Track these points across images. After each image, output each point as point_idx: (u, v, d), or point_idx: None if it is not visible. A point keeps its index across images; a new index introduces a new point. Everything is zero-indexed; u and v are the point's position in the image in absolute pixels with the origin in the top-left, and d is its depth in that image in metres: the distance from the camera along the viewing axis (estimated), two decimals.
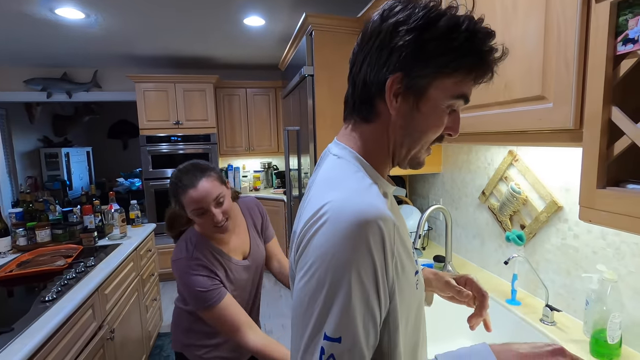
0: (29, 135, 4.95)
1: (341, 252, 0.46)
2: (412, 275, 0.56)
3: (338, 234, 0.46)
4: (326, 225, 0.48)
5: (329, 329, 0.46)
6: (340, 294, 0.46)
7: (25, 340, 1.09)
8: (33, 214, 2.13)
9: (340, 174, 0.55)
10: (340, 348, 0.46)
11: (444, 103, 0.53)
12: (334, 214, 0.48)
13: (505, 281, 1.37)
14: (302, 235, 0.51)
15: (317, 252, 0.47)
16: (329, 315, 0.46)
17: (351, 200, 0.49)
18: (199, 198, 1.01)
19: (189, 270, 1.05)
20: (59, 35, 2.73)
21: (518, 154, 1.26)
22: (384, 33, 0.52)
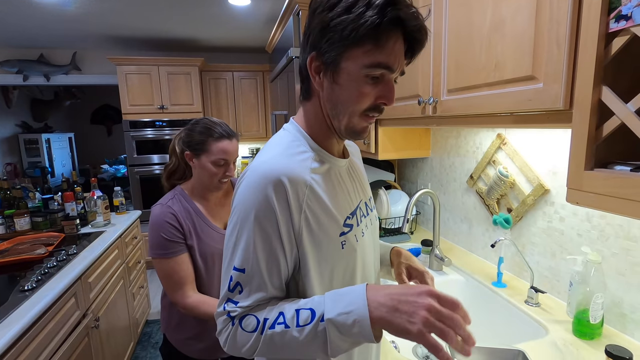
0: (6, 120, 4.77)
1: (248, 201, 0.58)
2: (335, 234, 0.63)
3: (248, 188, 0.58)
4: (243, 182, 0.60)
5: (236, 261, 0.58)
6: (244, 233, 0.58)
7: (3, 330, 1.06)
8: (11, 202, 2.06)
9: (275, 142, 0.65)
10: (244, 277, 0.58)
11: (359, 73, 0.57)
12: (250, 172, 0.60)
13: (492, 264, 1.38)
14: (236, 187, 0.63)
15: (237, 201, 0.60)
16: (236, 249, 0.59)
17: (267, 161, 0.60)
18: (230, 150, 1.12)
19: (160, 216, 1.08)
20: (34, 14, 2.58)
21: (507, 137, 1.26)
22: (307, 20, 0.61)
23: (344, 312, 0.52)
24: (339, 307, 0.53)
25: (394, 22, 0.54)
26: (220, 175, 1.12)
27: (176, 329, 1.19)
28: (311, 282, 0.61)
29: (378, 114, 0.63)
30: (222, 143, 1.10)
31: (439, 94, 1.11)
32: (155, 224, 1.08)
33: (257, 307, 0.59)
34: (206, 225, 1.15)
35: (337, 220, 0.63)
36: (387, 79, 0.59)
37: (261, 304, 0.59)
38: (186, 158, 1.14)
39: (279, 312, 0.57)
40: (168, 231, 1.07)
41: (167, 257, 1.07)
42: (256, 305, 0.59)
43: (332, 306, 0.54)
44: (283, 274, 0.60)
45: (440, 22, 1.07)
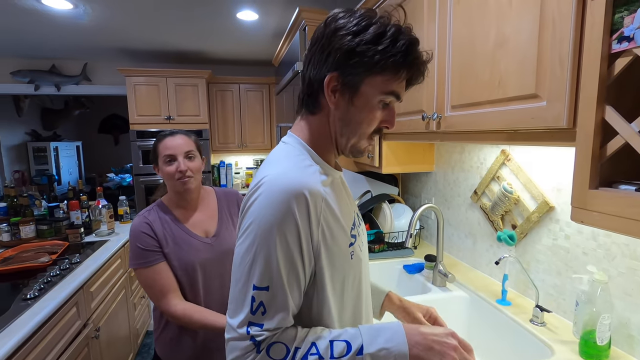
0: (16, 128, 4.85)
1: (269, 216, 0.56)
2: (345, 245, 0.64)
3: (268, 201, 0.56)
4: (260, 195, 0.58)
5: (257, 279, 0.56)
6: (266, 250, 0.56)
7: (4, 339, 1.06)
8: (17, 209, 2.08)
9: (281, 155, 0.65)
10: (267, 296, 0.56)
11: (375, 98, 0.62)
12: (268, 185, 0.58)
13: (496, 281, 1.36)
14: (243, 204, 0.62)
15: (252, 217, 0.58)
16: (255, 267, 0.56)
17: (284, 174, 0.59)
18: (172, 145, 1.13)
19: (137, 226, 1.11)
20: (46, 26, 2.66)
21: (511, 153, 1.26)
22: (325, 37, 0.61)
23: (384, 348, 0.56)
24: (379, 342, 0.56)
25: (414, 62, 0.61)
26: (175, 173, 1.12)
27: (169, 343, 1.17)
28: (326, 295, 0.61)
29: (377, 136, 0.68)
30: (164, 141, 1.14)
31: (442, 109, 1.12)
32: (132, 235, 1.10)
33: (283, 332, 0.57)
34: (186, 234, 1.16)
35: (346, 232, 0.65)
36: (391, 106, 0.66)
37: (286, 329, 0.58)
38: (155, 172, 1.20)
39: (310, 342, 0.57)
40: (144, 241, 1.09)
41: (145, 266, 1.09)
42: (280, 328, 0.57)
43: (371, 341, 0.57)
44: (302, 291, 0.60)
45: (445, 39, 1.08)
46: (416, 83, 0.66)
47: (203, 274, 1.16)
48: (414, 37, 0.61)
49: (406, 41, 0.59)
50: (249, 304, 0.56)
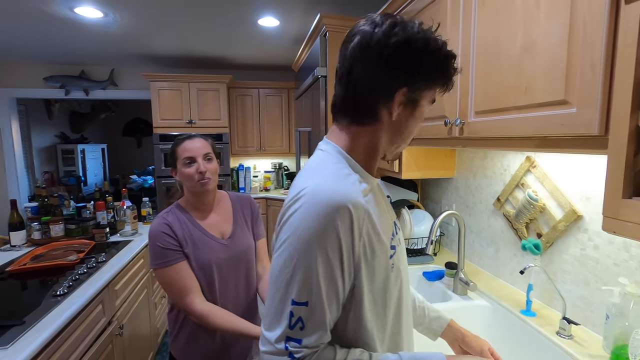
0: (47, 131, 5.07)
1: (312, 229, 0.54)
2: (386, 258, 0.63)
3: (309, 214, 0.54)
4: (302, 206, 0.56)
5: (296, 294, 0.54)
6: (307, 265, 0.54)
7: (35, 334, 1.10)
8: (48, 209, 2.16)
9: (321, 164, 0.63)
10: (306, 311, 0.54)
11: (426, 107, 0.66)
12: (309, 197, 0.56)
13: (519, 290, 1.33)
14: (281, 216, 0.60)
15: (291, 229, 0.56)
16: (294, 281, 0.54)
17: (326, 185, 0.57)
18: (191, 147, 1.16)
19: (157, 227, 1.13)
20: (77, 33, 2.78)
21: (536, 160, 1.23)
22: (390, 48, 0.59)
23: None
24: None
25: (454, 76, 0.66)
26: (195, 175, 1.15)
27: (185, 346, 1.19)
28: (364, 310, 0.60)
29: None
30: (183, 144, 1.18)
31: (466, 115, 1.10)
32: (152, 235, 1.12)
33: (322, 351, 0.56)
34: (203, 234, 1.18)
35: (386, 243, 0.63)
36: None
37: (325, 348, 0.57)
38: (173, 175, 1.22)
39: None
40: (164, 240, 1.11)
41: (166, 265, 1.11)
42: (319, 345, 0.56)
43: None
44: (340, 306, 0.59)
45: (468, 44, 1.07)
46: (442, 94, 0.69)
47: (219, 275, 1.18)
48: (454, 53, 0.65)
49: (452, 57, 0.63)
50: (287, 318, 0.54)
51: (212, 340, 1.19)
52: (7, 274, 1.58)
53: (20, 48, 3.19)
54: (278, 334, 0.55)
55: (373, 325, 0.62)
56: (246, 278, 1.26)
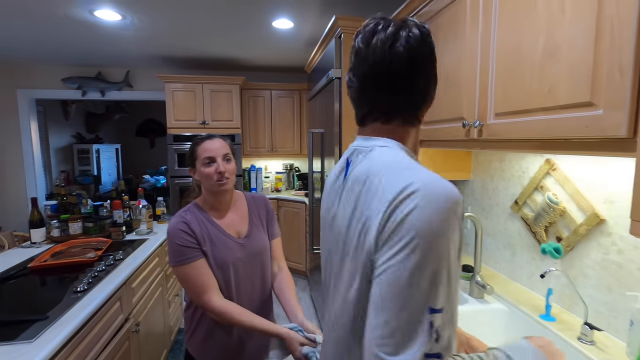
0: (64, 131, 5.18)
1: (440, 227, 0.48)
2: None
3: (435, 210, 0.49)
4: (422, 202, 0.49)
5: (434, 301, 0.47)
6: (442, 265, 0.48)
7: (58, 328, 1.13)
8: (66, 207, 2.21)
9: (403, 159, 0.58)
10: (443, 319, 0.47)
11: None
12: (427, 192, 0.50)
13: (537, 295, 1.31)
14: (386, 216, 0.51)
15: (414, 231, 0.48)
16: (433, 287, 0.47)
17: (437, 180, 0.52)
18: (211, 147, 1.18)
19: (175, 225, 1.14)
20: (96, 36, 2.84)
21: (556, 163, 1.21)
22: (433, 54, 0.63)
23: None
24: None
25: None
26: (214, 175, 1.16)
27: (202, 343, 1.21)
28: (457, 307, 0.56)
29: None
30: (203, 144, 1.19)
31: (485, 117, 1.10)
32: (170, 233, 1.14)
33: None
34: (221, 233, 1.19)
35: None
36: None
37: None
38: (191, 175, 1.24)
39: None
40: (182, 238, 1.12)
41: (185, 263, 1.12)
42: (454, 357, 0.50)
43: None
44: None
45: (488, 46, 1.07)
46: None
47: (235, 273, 1.19)
48: None
49: None
50: (426, 332, 0.46)
51: (229, 337, 1.20)
52: (29, 270, 1.62)
53: (41, 51, 3.27)
54: (417, 355, 0.46)
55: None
56: (262, 277, 1.27)
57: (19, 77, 3.81)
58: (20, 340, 1.06)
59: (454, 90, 1.25)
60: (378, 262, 0.52)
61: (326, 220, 0.73)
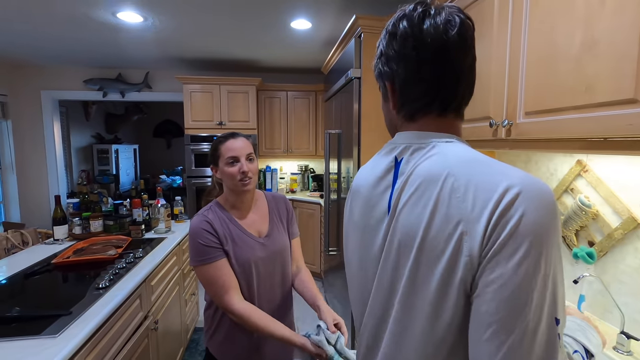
0: (84, 131, 5.31)
1: (554, 231, 0.45)
2: None
3: (547, 214, 0.44)
4: (530, 207, 0.44)
5: (558, 312, 0.44)
6: (558, 272, 0.44)
7: (82, 324, 1.14)
8: (88, 205, 2.25)
9: (480, 156, 0.53)
10: (559, 330, 0.44)
11: None
12: (532, 194, 0.45)
13: (568, 302, 1.26)
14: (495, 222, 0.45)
15: (530, 237, 0.43)
16: (557, 297, 0.44)
17: (533, 179, 0.47)
18: (235, 147, 1.17)
19: (197, 224, 1.14)
20: (117, 37, 2.90)
21: (588, 164, 1.16)
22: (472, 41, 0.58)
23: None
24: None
25: None
26: (237, 174, 1.16)
27: (223, 343, 1.20)
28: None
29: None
30: (227, 143, 1.18)
31: (514, 116, 1.06)
32: (193, 232, 1.13)
33: None
34: (242, 232, 1.19)
35: None
36: None
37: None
38: (213, 172, 1.23)
39: None
40: (205, 237, 1.12)
41: (207, 262, 1.11)
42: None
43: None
44: None
45: (518, 43, 1.03)
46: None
47: (257, 273, 1.18)
48: None
49: None
50: (560, 346, 0.44)
51: (251, 337, 1.19)
52: (52, 266, 1.66)
53: (64, 53, 3.36)
54: None
55: None
56: (282, 276, 1.26)
57: (43, 78, 3.92)
58: (45, 334, 1.07)
59: (480, 88, 1.21)
60: (489, 276, 0.45)
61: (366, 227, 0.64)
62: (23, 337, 1.06)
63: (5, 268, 1.65)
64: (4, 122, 3.74)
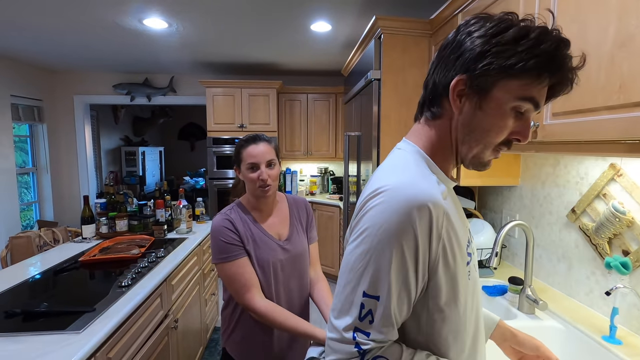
0: (113, 134, 5.53)
1: (390, 225, 0.53)
2: (463, 264, 0.59)
3: (390, 211, 0.53)
4: (381, 202, 0.55)
5: (367, 287, 0.54)
6: (382, 259, 0.53)
7: (105, 320, 1.18)
8: (114, 205, 2.33)
9: (400, 162, 0.61)
10: (376, 305, 0.54)
11: (508, 104, 0.55)
12: (390, 193, 0.55)
13: (598, 314, 1.19)
14: (358, 208, 0.59)
15: (369, 223, 0.55)
16: (369, 275, 0.54)
17: (407, 184, 0.55)
18: (255, 153, 1.16)
19: (220, 222, 1.15)
20: (143, 43, 3.00)
21: (622, 168, 1.09)
22: (456, 41, 0.57)
23: None
24: None
25: (561, 66, 0.53)
26: (256, 181, 1.15)
27: (241, 343, 1.21)
28: (443, 314, 0.57)
29: (506, 149, 0.60)
30: (249, 148, 1.17)
31: (540, 117, 1.02)
32: (215, 230, 1.15)
33: (389, 347, 0.55)
34: (263, 234, 1.19)
35: (463, 250, 0.59)
36: (527, 116, 0.58)
37: (392, 344, 0.56)
38: (236, 173, 1.24)
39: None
40: (226, 235, 1.13)
41: (228, 260, 1.12)
42: (387, 341, 0.55)
43: None
44: (411, 306, 0.56)
45: None
46: (562, 93, 0.57)
47: (275, 275, 1.18)
48: (564, 39, 0.53)
49: (553, 42, 0.51)
50: (358, 309, 0.54)
51: (269, 337, 1.19)
52: (80, 263, 1.72)
53: (95, 59, 3.51)
54: (347, 323, 0.55)
55: (449, 331, 0.59)
56: (300, 279, 1.25)
57: (75, 84, 4.12)
58: (70, 330, 1.11)
59: None
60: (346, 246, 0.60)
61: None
62: (49, 331, 1.10)
63: (39, 264, 1.73)
64: (40, 125, 3.94)
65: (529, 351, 0.77)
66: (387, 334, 0.54)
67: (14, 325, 1.14)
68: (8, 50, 3.17)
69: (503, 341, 0.80)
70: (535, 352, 0.77)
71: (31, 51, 3.23)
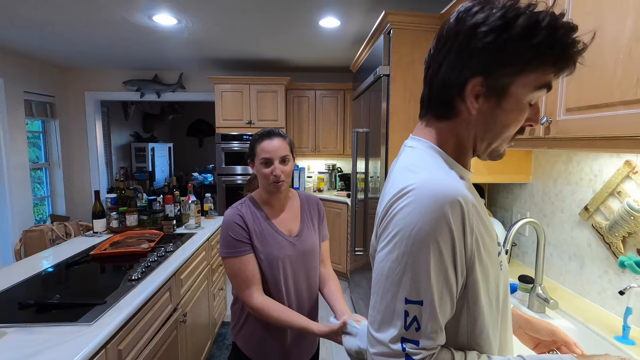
0: (123, 130, 5.59)
1: (423, 224, 0.51)
2: (495, 255, 0.58)
3: (421, 209, 0.52)
4: (410, 202, 0.53)
5: (409, 292, 0.52)
6: (419, 261, 0.51)
7: (115, 313, 1.20)
8: (125, 200, 2.36)
9: (419, 160, 0.60)
10: (421, 310, 0.51)
11: (526, 98, 0.55)
12: (417, 192, 0.53)
13: (611, 314, 1.17)
14: (384, 212, 0.57)
15: (400, 226, 0.53)
16: (409, 279, 0.52)
17: (433, 180, 0.54)
18: (269, 148, 1.15)
19: (231, 217, 1.16)
20: (153, 40, 3.02)
21: (638, 164, 1.07)
22: (462, 35, 0.54)
23: None
24: None
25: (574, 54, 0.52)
26: (269, 176, 1.15)
27: (251, 338, 1.22)
28: (480, 311, 0.56)
29: (520, 135, 0.61)
30: (263, 143, 1.17)
31: (553, 113, 0.99)
32: (225, 224, 1.16)
33: (439, 353, 0.53)
34: (273, 230, 1.19)
35: (494, 241, 0.59)
36: (537, 101, 0.58)
37: (441, 350, 0.54)
38: (250, 167, 1.24)
39: None
40: (235, 231, 1.14)
41: (234, 256, 1.14)
42: (436, 347, 0.53)
43: None
44: (454, 305, 0.54)
45: None
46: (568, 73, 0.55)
47: (284, 271, 1.19)
48: (573, 25, 0.51)
49: (565, 30, 0.50)
50: (402, 318, 0.52)
51: (279, 332, 1.20)
52: (91, 257, 1.75)
53: (105, 56, 3.54)
54: (393, 334, 0.52)
55: (489, 326, 0.57)
56: (310, 276, 1.25)
57: (87, 80, 4.17)
58: (81, 322, 1.13)
59: None
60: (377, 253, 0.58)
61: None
62: (61, 323, 1.12)
63: (51, 257, 1.76)
64: (53, 121, 4.01)
65: (544, 337, 0.76)
66: (436, 339, 0.52)
67: (28, 317, 1.17)
68: (21, 47, 3.22)
69: (517, 328, 0.79)
70: (551, 337, 0.76)
71: (44, 49, 3.27)
